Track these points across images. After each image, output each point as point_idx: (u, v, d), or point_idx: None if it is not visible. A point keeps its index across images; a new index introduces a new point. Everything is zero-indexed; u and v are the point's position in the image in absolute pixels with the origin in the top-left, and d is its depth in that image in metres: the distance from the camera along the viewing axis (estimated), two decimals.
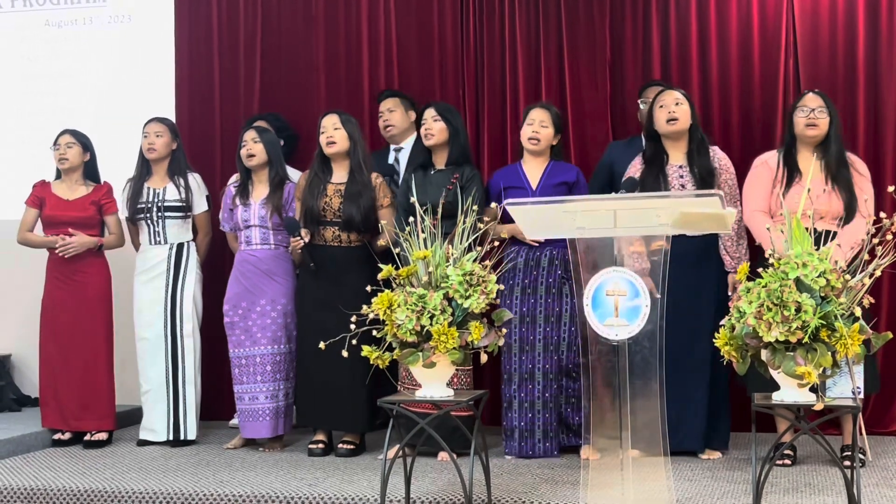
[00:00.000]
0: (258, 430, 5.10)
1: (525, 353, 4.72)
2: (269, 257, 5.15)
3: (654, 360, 3.30)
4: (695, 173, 4.61)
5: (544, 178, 4.82)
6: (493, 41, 5.78)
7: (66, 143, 5.41)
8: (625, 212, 3.31)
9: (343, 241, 4.94)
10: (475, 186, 4.80)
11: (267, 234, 5.14)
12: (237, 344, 5.14)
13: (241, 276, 5.16)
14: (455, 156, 4.91)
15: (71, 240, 5.29)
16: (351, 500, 4.02)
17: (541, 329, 4.71)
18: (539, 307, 4.72)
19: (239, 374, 5.14)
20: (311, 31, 6.08)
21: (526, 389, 4.72)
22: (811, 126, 4.52)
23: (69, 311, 5.35)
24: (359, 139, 4.99)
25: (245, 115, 6.05)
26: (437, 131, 4.89)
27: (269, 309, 5.12)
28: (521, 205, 3.54)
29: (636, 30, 5.60)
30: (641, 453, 3.35)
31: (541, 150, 4.83)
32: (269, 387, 5.10)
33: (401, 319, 3.53)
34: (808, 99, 4.57)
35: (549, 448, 4.71)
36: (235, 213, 5.19)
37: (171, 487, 4.27)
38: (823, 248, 3.24)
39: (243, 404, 5.12)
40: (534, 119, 4.82)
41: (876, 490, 3.98)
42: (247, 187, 5.19)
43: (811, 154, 4.56)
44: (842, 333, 3.11)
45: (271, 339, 5.11)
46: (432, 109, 4.94)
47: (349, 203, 4.88)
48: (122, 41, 6.51)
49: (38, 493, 4.35)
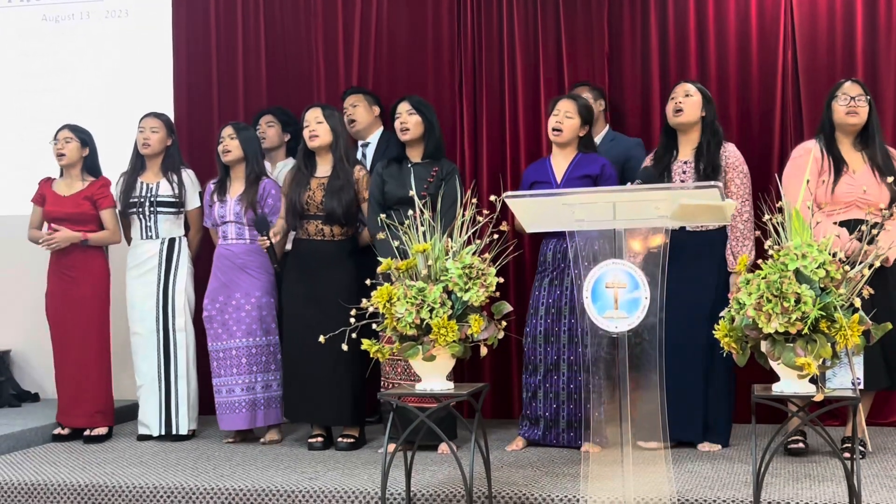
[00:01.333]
0: (234, 422, 5.13)
1: (550, 343, 4.71)
2: (244, 252, 5.17)
3: (653, 352, 3.30)
4: (699, 169, 4.55)
5: (569, 170, 4.75)
6: (490, 34, 5.77)
7: (65, 137, 5.40)
8: (624, 204, 3.31)
9: (326, 234, 4.95)
10: (454, 180, 4.79)
11: (242, 230, 5.16)
12: (215, 337, 5.18)
13: (219, 270, 5.21)
14: (431, 150, 4.90)
15: (54, 235, 5.29)
16: (351, 494, 4.02)
17: (566, 321, 4.69)
18: (564, 299, 4.70)
19: (217, 368, 5.17)
20: (310, 25, 6.07)
21: (551, 380, 4.71)
22: (852, 114, 4.43)
23: (65, 307, 5.35)
24: (342, 132, 5.00)
25: (244, 109, 6.04)
26: (412, 125, 4.87)
27: (243, 302, 5.14)
28: (520, 197, 3.53)
29: (634, 22, 5.59)
30: (643, 445, 3.35)
31: (565, 141, 4.76)
32: (245, 379, 5.12)
33: (400, 313, 3.53)
34: (848, 87, 4.47)
35: (573, 438, 4.68)
36: (213, 209, 5.22)
37: (172, 482, 4.27)
38: (823, 240, 3.23)
39: (221, 397, 5.16)
40: (559, 110, 4.75)
41: (876, 481, 3.98)
42: (224, 184, 5.23)
43: (850, 144, 4.48)
44: (841, 324, 3.12)
45: (246, 331, 5.13)
46: (406, 103, 4.91)
47: (331, 197, 4.89)
48: (119, 36, 6.50)
49: (38, 488, 4.35)
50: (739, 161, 4.60)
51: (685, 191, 3.38)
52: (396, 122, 4.91)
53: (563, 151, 4.80)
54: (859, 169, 4.43)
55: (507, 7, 5.72)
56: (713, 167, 4.54)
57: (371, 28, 5.95)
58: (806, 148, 4.54)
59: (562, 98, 4.84)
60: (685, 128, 4.63)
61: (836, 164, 4.43)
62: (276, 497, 4.10)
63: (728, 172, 4.56)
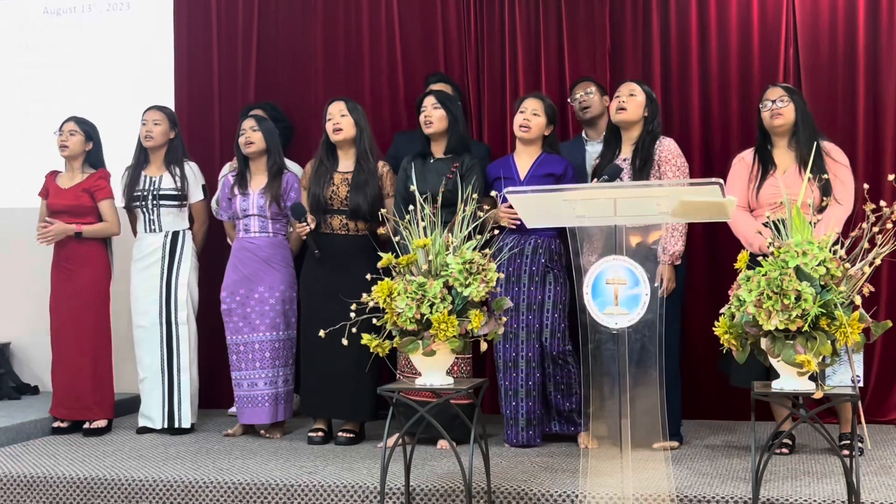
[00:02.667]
0: (257, 416, 5.11)
1: (509, 341, 4.71)
2: (267, 245, 5.15)
3: (653, 349, 3.31)
4: (634, 165, 4.60)
5: (533, 168, 4.80)
6: (493, 31, 5.76)
7: (69, 130, 5.40)
8: (625, 200, 3.31)
9: (350, 229, 4.94)
10: (475, 175, 4.79)
11: (266, 223, 5.14)
12: (235, 331, 5.15)
13: (240, 263, 5.16)
14: (454, 144, 4.90)
15: (49, 228, 5.30)
16: (350, 488, 4.03)
17: (524, 317, 4.70)
18: (522, 295, 4.71)
19: (237, 361, 5.14)
20: (310, 19, 6.07)
21: (510, 377, 4.72)
22: (775, 116, 4.52)
23: (63, 300, 5.36)
24: (365, 127, 4.98)
25: (244, 103, 6.03)
26: (436, 119, 4.87)
27: (267, 296, 5.12)
28: (521, 193, 3.54)
29: (636, 18, 5.58)
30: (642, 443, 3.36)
31: (531, 138, 4.81)
32: (269, 373, 5.11)
33: (401, 308, 3.53)
34: (770, 92, 4.59)
35: (532, 436, 4.70)
36: (234, 202, 5.18)
37: (171, 475, 4.27)
38: (824, 238, 3.23)
39: (242, 390, 5.13)
40: (526, 107, 4.81)
41: (875, 478, 3.99)
42: (245, 176, 5.18)
43: (785, 146, 4.57)
44: (841, 322, 3.12)
45: (269, 325, 5.11)
46: (432, 97, 4.92)
47: (356, 192, 4.87)
48: (121, 29, 6.49)
49: (38, 480, 4.36)
50: (673, 154, 4.61)
51: (686, 187, 3.38)
52: (421, 116, 4.91)
53: (528, 149, 4.84)
54: (789, 169, 4.49)
55: (510, 4, 5.71)
56: (644, 161, 4.59)
57: (381, 25, 5.94)
58: (740, 156, 4.70)
59: (528, 97, 4.89)
60: (627, 125, 4.67)
61: (763, 168, 4.56)
62: (275, 491, 4.10)
63: (661, 165, 4.58)
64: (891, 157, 5.22)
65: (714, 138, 5.44)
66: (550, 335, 4.71)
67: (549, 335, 4.71)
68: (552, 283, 4.71)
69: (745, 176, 4.59)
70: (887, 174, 4.26)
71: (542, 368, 4.72)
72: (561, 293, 4.72)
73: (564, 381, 4.74)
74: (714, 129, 5.44)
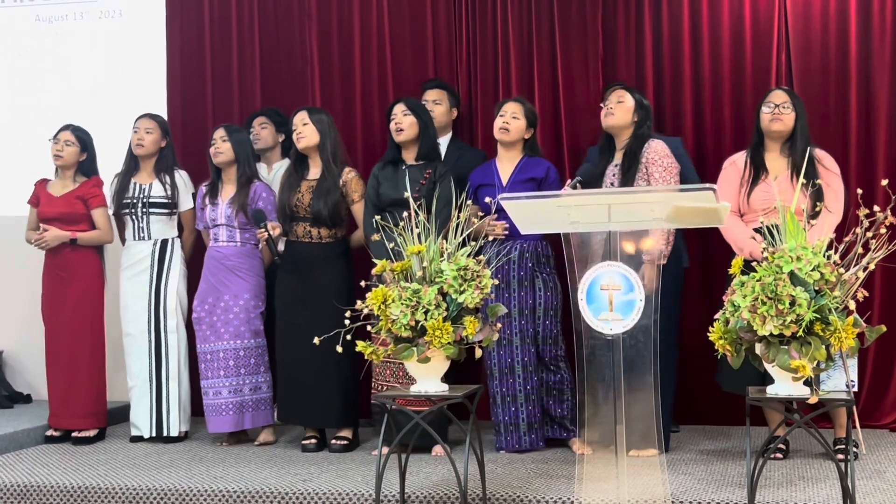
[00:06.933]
0: (221, 425, 5.11)
1: (503, 347, 4.71)
2: (234, 254, 5.16)
3: (648, 354, 3.31)
4: (624, 168, 4.60)
5: (515, 173, 4.80)
6: (485, 36, 5.76)
7: (66, 139, 5.39)
8: (619, 206, 3.31)
9: (314, 236, 4.96)
10: (448, 181, 4.79)
11: (233, 233, 5.16)
12: (203, 339, 5.16)
13: (209, 272, 5.20)
14: (425, 150, 4.91)
15: (44, 234, 5.28)
16: (345, 496, 4.02)
17: (516, 323, 4.70)
18: (513, 301, 4.71)
19: (204, 370, 5.16)
20: (305, 26, 6.06)
21: (507, 383, 4.72)
22: (776, 121, 4.52)
23: (57, 308, 5.34)
24: (328, 133, 4.98)
25: (238, 110, 6.03)
26: (407, 126, 4.87)
27: (231, 304, 5.12)
28: (515, 200, 3.54)
29: (628, 23, 5.58)
30: (639, 453, 3.35)
31: (511, 140, 4.81)
32: (233, 381, 5.10)
33: (395, 314, 3.53)
34: (774, 95, 4.59)
35: (535, 440, 4.71)
36: (205, 212, 5.21)
37: (164, 483, 4.26)
38: (819, 243, 3.24)
39: (208, 399, 5.14)
40: (506, 111, 4.82)
41: (869, 483, 3.99)
42: (216, 186, 5.22)
43: (778, 151, 4.57)
44: (836, 327, 3.12)
45: (233, 333, 5.11)
46: (402, 104, 4.92)
47: (317, 199, 4.90)
48: (113, 36, 6.48)
49: (31, 489, 4.34)
50: (660, 155, 4.57)
51: (680, 193, 3.38)
52: (391, 124, 4.91)
53: (509, 154, 4.85)
54: (781, 175, 4.48)
55: (502, 9, 5.71)
56: (630, 164, 4.58)
57: (372, 31, 5.92)
58: (731, 159, 4.68)
59: (508, 100, 4.92)
60: (617, 131, 4.68)
61: (755, 172, 4.55)
62: (269, 499, 4.09)
63: (649, 167, 4.56)
64: (883, 162, 5.22)
65: (707, 143, 5.44)
66: (542, 341, 4.71)
67: (541, 341, 4.71)
68: (542, 287, 4.72)
69: (735, 180, 4.58)
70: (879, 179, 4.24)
71: (538, 373, 4.73)
72: (552, 298, 4.73)
73: (557, 387, 4.75)
74: (706, 134, 5.44)
